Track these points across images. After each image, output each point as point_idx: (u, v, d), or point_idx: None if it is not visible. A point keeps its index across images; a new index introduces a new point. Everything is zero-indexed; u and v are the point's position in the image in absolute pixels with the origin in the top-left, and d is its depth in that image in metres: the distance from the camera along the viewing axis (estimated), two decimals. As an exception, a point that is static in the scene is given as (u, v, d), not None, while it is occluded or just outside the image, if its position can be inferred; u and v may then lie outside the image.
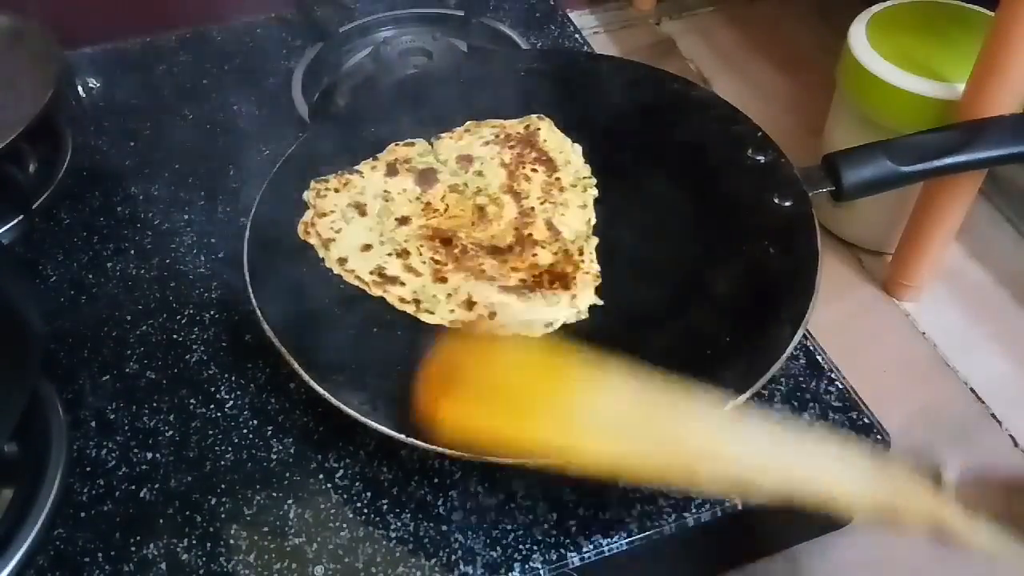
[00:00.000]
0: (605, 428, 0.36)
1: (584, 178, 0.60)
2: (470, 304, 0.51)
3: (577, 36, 0.83)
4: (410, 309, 0.52)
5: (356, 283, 0.53)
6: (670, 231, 0.57)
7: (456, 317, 0.51)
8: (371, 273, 0.53)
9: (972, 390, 0.62)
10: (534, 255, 0.55)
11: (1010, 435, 0.60)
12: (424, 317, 0.51)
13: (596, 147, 0.61)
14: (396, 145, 0.62)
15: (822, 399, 0.51)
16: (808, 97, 0.84)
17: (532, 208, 0.58)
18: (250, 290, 0.50)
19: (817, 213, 0.53)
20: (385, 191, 0.59)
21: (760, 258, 0.52)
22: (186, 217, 0.65)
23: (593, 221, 0.57)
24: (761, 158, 0.57)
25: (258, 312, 0.49)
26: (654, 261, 0.55)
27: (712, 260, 0.55)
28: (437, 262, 0.54)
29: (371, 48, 0.78)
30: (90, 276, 0.61)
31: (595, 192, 0.59)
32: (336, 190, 0.58)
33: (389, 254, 0.55)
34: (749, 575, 0.53)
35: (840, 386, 0.52)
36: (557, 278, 0.53)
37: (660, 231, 0.56)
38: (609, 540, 0.45)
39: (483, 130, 0.63)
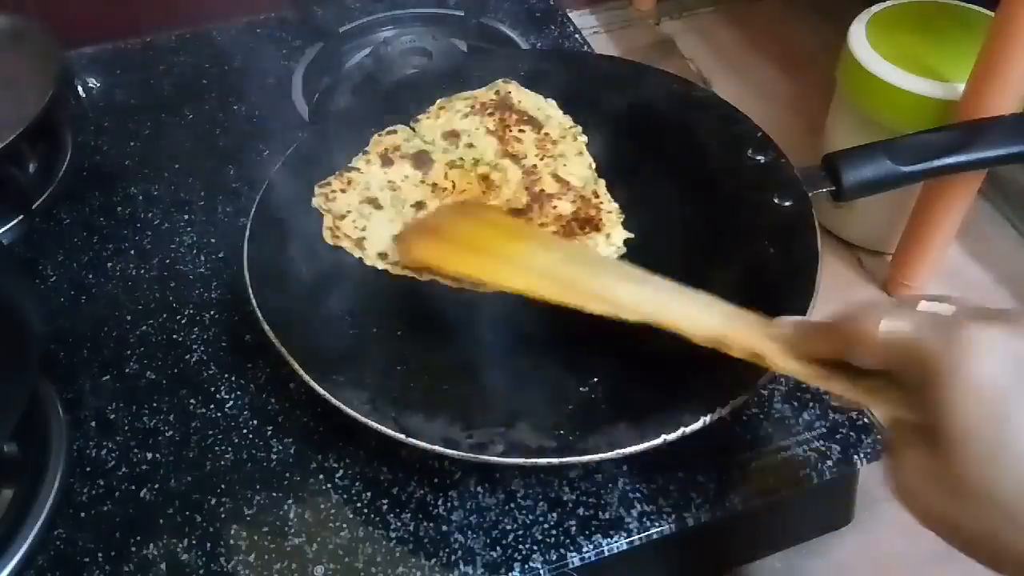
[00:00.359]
0: (533, 269, 0.47)
1: (569, 128, 0.62)
2: None
3: (577, 36, 0.83)
4: (467, 285, 0.52)
5: (405, 273, 0.53)
6: (669, 231, 0.57)
7: None
8: None
9: (972, 390, 0.62)
10: (554, 207, 0.56)
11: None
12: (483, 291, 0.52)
13: (595, 147, 0.61)
14: (379, 135, 0.62)
15: (822, 399, 0.51)
16: (808, 97, 0.84)
17: (534, 166, 0.59)
18: (250, 290, 0.50)
19: (817, 213, 0.53)
20: (389, 181, 0.59)
21: (760, 258, 0.52)
22: (186, 217, 0.65)
23: (593, 164, 0.59)
24: (761, 158, 0.57)
25: (258, 312, 0.49)
26: (654, 262, 0.55)
27: (712, 260, 0.55)
28: None
29: (371, 48, 0.78)
30: (90, 276, 0.61)
31: (584, 138, 0.61)
32: (342, 190, 0.58)
33: None
34: (749, 575, 0.53)
35: (840, 386, 0.52)
36: (585, 223, 0.55)
37: (659, 231, 0.56)
38: (609, 540, 0.45)
39: (456, 104, 0.64)
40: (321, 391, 0.45)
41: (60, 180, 0.67)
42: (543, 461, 0.43)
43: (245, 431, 0.51)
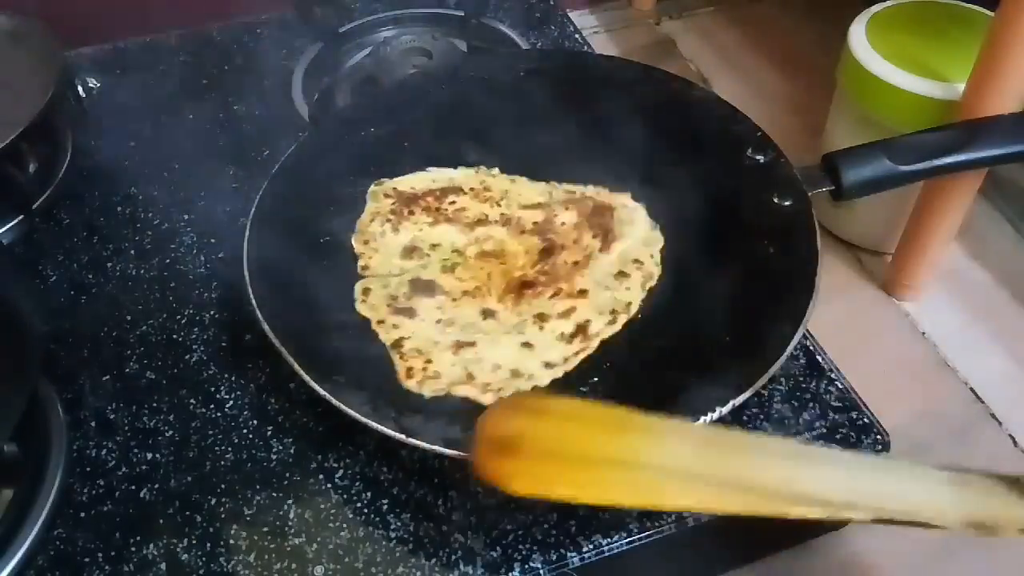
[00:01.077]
0: (675, 471, 0.37)
1: (476, 174, 0.62)
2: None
3: (577, 36, 0.83)
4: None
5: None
6: (668, 231, 0.57)
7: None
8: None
9: (972, 390, 0.62)
10: (562, 224, 0.58)
11: (1010, 435, 0.60)
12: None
13: (595, 148, 0.61)
14: (363, 302, 0.54)
15: (822, 399, 0.51)
16: (808, 97, 0.84)
17: (503, 214, 0.59)
18: (250, 290, 0.50)
19: (817, 213, 0.53)
20: (438, 322, 0.53)
21: (760, 258, 0.52)
22: (186, 217, 0.65)
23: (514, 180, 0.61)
24: (760, 158, 0.57)
25: (258, 312, 0.49)
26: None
27: (712, 260, 0.55)
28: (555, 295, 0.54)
29: (371, 48, 0.78)
30: (90, 276, 0.61)
31: (495, 170, 0.62)
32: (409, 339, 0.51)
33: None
34: (749, 575, 0.53)
35: (840, 386, 0.52)
36: (603, 210, 0.58)
37: (658, 231, 0.56)
38: (609, 540, 0.45)
39: (367, 230, 0.58)
40: (321, 391, 0.45)
41: (60, 180, 0.67)
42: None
43: (245, 431, 0.51)
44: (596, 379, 0.48)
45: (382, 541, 0.46)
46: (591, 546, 0.45)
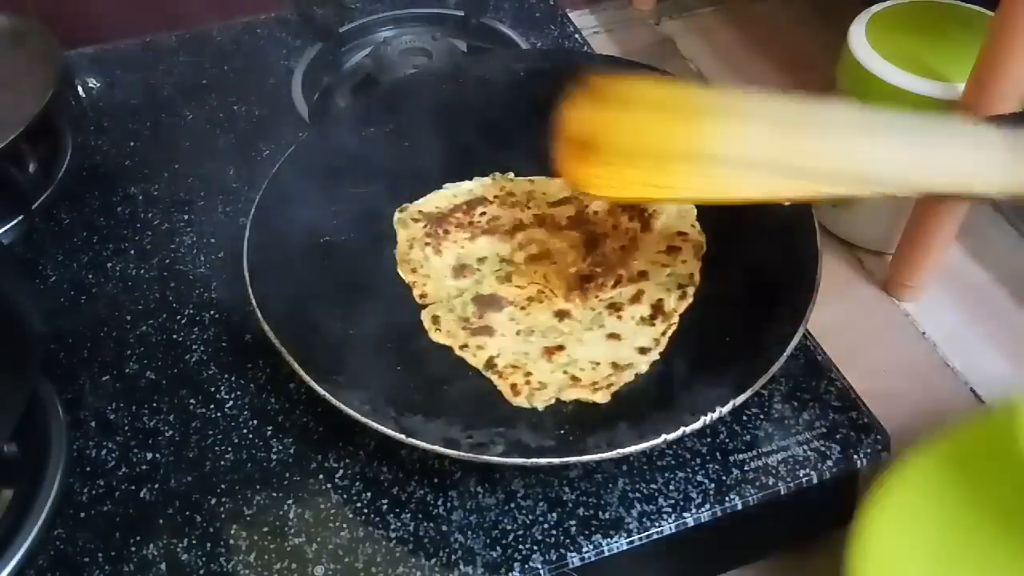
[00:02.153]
0: (746, 160, 0.38)
1: (497, 178, 0.61)
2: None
3: (577, 36, 0.83)
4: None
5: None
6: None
7: None
8: None
9: (972, 390, 0.62)
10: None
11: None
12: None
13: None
14: (436, 331, 0.54)
15: (822, 399, 0.51)
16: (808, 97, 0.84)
17: (541, 215, 0.59)
18: (250, 290, 0.50)
19: (817, 213, 0.53)
20: (524, 341, 0.53)
21: (760, 258, 0.52)
22: (186, 217, 0.65)
23: None
24: (761, 158, 0.57)
25: (258, 312, 0.49)
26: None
27: (713, 259, 0.55)
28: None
29: (371, 48, 0.78)
30: (90, 276, 0.61)
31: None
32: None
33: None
34: (748, 575, 0.53)
35: (840, 386, 0.52)
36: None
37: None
38: (609, 540, 0.45)
39: (411, 257, 0.58)
40: (321, 391, 0.45)
41: (60, 180, 0.67)
42: (543, 461, 0.43)
43: (245, 431, 0.51)
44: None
45: (382, 541, 0.46)
46: (591, 546, 0.45)
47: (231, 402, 0.53)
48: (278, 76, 0.77)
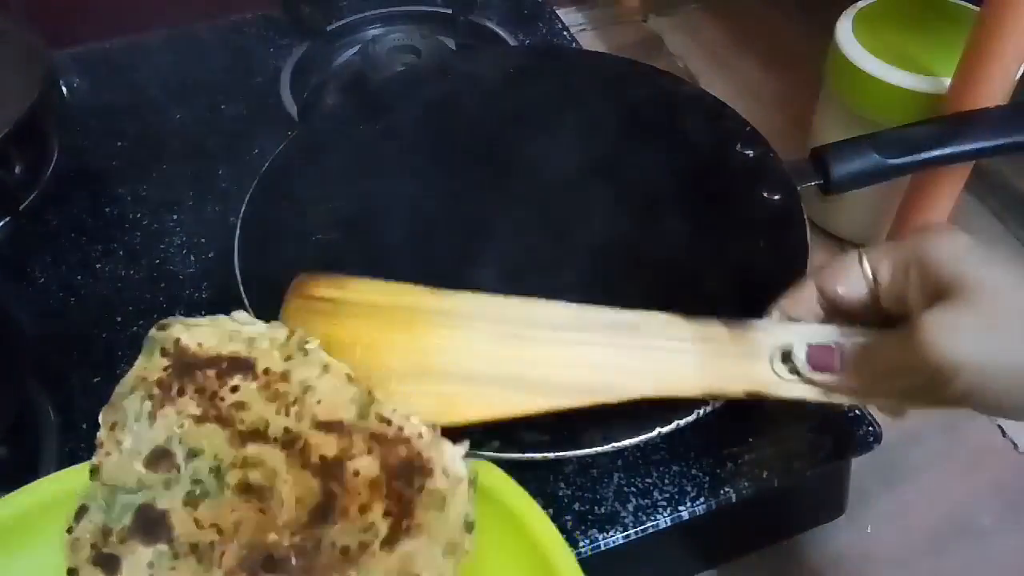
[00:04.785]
0: (470, 369, 0.39)
1: (286, 341, 0.41)
2: None
3: (565, 33, 0.83)
4: None
5: None
6: (658, 226, 0.57)
7: None
8: None
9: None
10: (356, 474, 0.38)
11: (999, 426, 0.60)
12: None
13: (585, 142, 0.61)
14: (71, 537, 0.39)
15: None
16: (795, 93, 0.84)
17: (286, 430, 0.39)
18: (241, 289, 0.50)
19: (805, 207, 0.53)
20: None
21: (749, 252, 0.53)
22: (175, 217, 0.65)
23: (351, 373, 0.40)
24: (750, 152, 0.58)
25: (250, 312, 0.49)
26: (641, 256, 0.55)
27: (701, 255, 0.55)
28: None
29: (359, 46, 0.78)
30: (79, 277, 0.61)
31: (314, 343, 0.41)
32: None
33: None
34: (744, 567, 0.53)
35: (831, 379, 0.52)
36: (409, 469, 0.38)
37: (648, 226, 0.57)
38: (604, 535, 0.46)
39: (121, 409, 0.41)
40: (315, 390, 0.44)
41: (47, 181, 0.67)
42: (538, 455, 0.43)
43: (238, 431, 0.51)
44: None
45: (378, 539, 0.46)
46: (587, 541, 0.45)
47: (224, 402, 0.52)
48: (266, 75, 0.77)
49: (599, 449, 0.42)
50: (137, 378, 0.41)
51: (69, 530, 0.38)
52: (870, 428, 0.50)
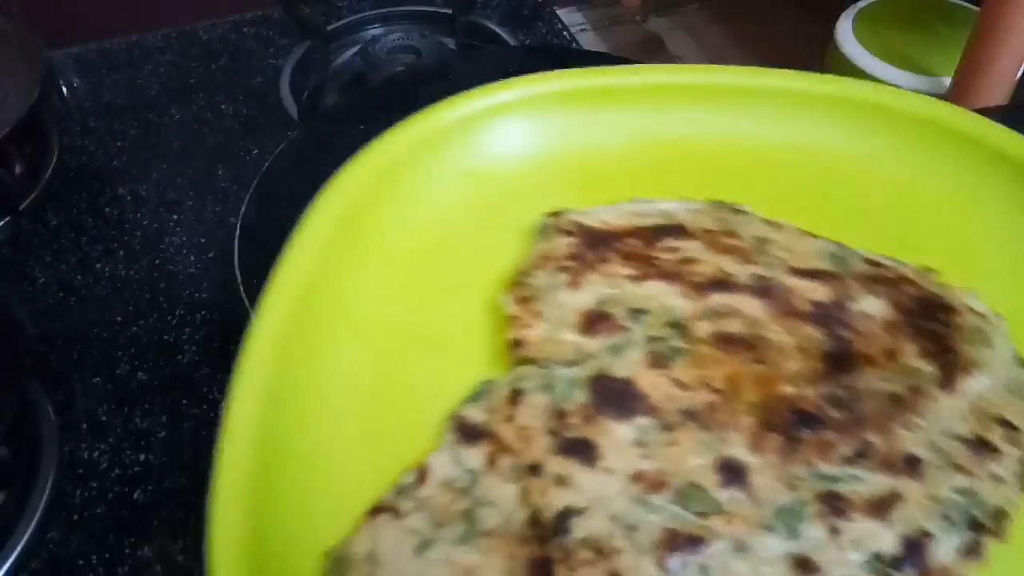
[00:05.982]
0: None
1: (714, 205, 0.40)
2: None
3: (565, 33, 0.83)
4: None
5: None
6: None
7: None
8: None
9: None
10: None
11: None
12: None
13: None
14: (488, 418, 0.32)
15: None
16: (795, 92, 0.84)
17: (759, 276, 0.36)
18: (241, 289, 0.50)
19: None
20: (634, 478, 0.30)
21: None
22: (175, 217, 0.65)
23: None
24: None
25: (250, 311, 0.49)
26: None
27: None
28: (856, 458, 0.31)
29: (359, 46, 0.78)
30: (79, 277, 0.61)
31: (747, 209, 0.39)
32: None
33: None
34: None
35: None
36: (933, 307, 0.35)
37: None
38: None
39: (538, 282, 0.36)
40: (315, 390, 0.45)
41: (47, 181, 0.67)
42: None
43: (238, 431, 0.51)
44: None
45: (378, 539, 0.46)
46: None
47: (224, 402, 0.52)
48: (266, 75, 0.77)
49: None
50: (540, 258, 0.37)
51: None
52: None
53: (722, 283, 0.35)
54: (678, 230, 0.38)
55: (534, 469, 0.29)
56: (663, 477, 0.29)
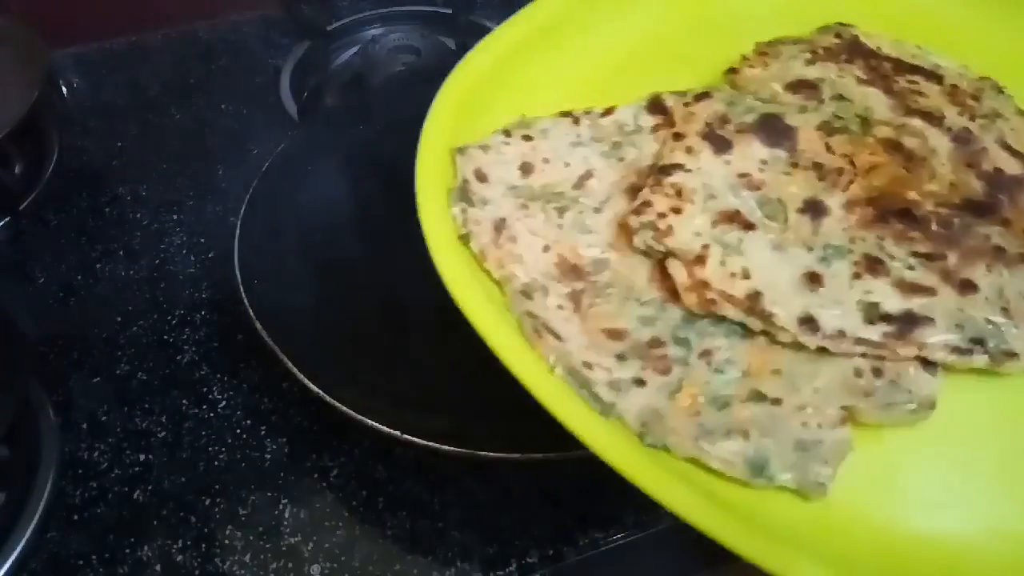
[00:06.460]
0: None
1: (980, 79, 0.44)
2: None
3: (565, 33, 0.83)
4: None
5: (825, 344, 0.33)
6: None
7: None
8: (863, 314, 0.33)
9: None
10: None
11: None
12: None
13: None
14: (684, 102, 0.42)
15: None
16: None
17: (965, 130, 0.40)
18: (241, 289, 0.50)
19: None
20: (740, 175, 0.38)
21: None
22: (175, 217, 0.65)
23: None
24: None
25: (250, 311, 0.49)
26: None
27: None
28: (924, 256, 0.35)
29: (359, 47, 0.78)
30: (79, 278, 0.61)
31: (1011, 95, 0.43)
32: (674, 210, 0.37)
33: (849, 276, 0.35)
34: (744, 569, 0.53)
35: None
36: None
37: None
38: (605, 535, 0.46)
39: (783, 49, 0.46)
40: (315, 389, 0.45)
41: (47, 181, 0.67)
42: (538, 455, 0.43)
43: (238, 431, 0.51)
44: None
45: (378, 539, 0.46)
46: (587, 540, 0.45)
47: (224, 402, 0.53)
48: (266, 75, 0.77)
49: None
50: (805, 43, 0.46)
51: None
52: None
53: (930, 116, 0.41)
54: (931, 75, 0.44)
55: (677, 136, 0.40)
56: (761, 185, 0.37)
